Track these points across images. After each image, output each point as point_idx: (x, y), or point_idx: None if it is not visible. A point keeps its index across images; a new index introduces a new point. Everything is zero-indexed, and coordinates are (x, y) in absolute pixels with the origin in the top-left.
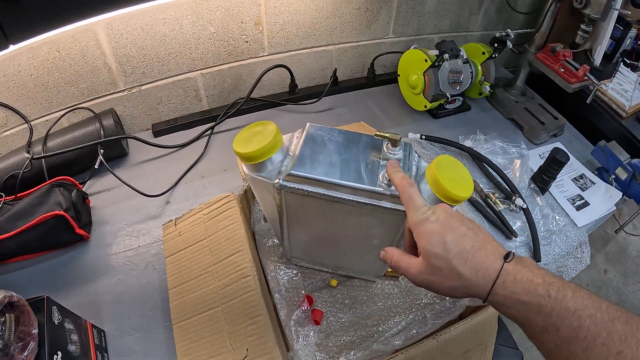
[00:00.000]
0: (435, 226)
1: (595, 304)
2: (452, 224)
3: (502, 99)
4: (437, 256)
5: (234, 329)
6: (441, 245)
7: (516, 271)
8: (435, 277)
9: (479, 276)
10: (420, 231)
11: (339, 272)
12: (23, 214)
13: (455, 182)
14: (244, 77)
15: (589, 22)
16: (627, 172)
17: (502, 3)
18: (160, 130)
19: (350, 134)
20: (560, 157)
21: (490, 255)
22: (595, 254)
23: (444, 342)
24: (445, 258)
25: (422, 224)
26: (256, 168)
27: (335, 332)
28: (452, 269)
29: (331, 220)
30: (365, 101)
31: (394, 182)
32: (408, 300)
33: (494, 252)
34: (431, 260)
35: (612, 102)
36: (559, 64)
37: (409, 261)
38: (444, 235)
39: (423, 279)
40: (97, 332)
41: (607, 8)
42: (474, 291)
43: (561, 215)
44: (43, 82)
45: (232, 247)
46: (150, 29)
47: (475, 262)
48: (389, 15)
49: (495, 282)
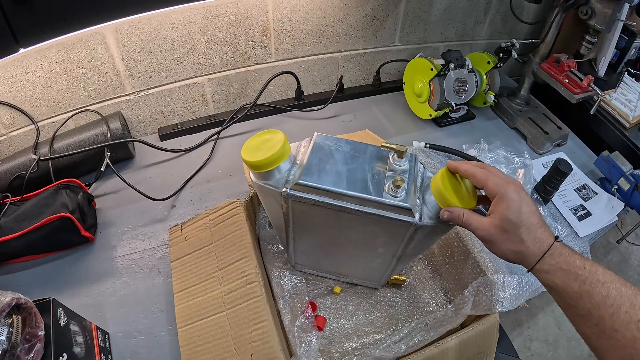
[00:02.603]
0: (515, 196)
1: (621, 280)
2: (527, 200)
3: (507, 108)
4: (510, 221)
5: (239, 334)
6: (517, 213)
7: (562, 247)
8: (501, 236)
9: (536, 247)
10: (503, 195)
11: (343, 279)
12: (29, 215)
13: (460, 194)
14: (251, 82)
15: (593, 32)
16: (630, 182)
17: (508, 12)
18: (166, 134)
19: (357, 144)
20: (563, 167)
21: (546, 233)
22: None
23: (445, 350)
24: (517, 225)
25: (506, 191)
26: (264, 176)
27: (338, 339)
28: (518, 235)
29: (337, 228)
30: (371, 108)
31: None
32: (410, 308)
33: (548, 231)
34: (504, 224)
35: (615, 112)
36: (563, 74)
37: (479, 219)
38: (521, 206)
39: (490, 234)
40: (101, 334)
41: (612, 19)
42: (526, 258)
43: (563, 225)
44: (51, 84)
45: (238, 253)
46: (158, 34)
47: (536, 235)
48: (395, 23)
49: (545, 253)
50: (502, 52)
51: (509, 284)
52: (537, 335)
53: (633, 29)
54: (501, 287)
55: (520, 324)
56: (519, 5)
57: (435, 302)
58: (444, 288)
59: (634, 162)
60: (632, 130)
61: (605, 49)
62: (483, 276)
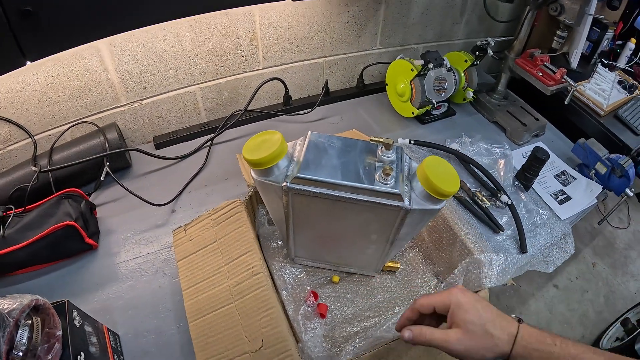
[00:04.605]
0: (465, 298)
1: (591, 349)
2: (476, 296)
3: (485, 103)
4: (474, 323)
5: (249, 322)
6: (476, 312)
7: (528, 328)
8: (473, 342)
9: (505, 334)
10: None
11: (341, 269)
12: (33, 225)
13: (444, 179)
14: (240, 90)
15: (564, 27)
16: (606, 166)
17: (483, 13)
18: (161, 142)
19: (348, 140)
20: (541, 155)
21: (508, 318)
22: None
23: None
24: (481, 323)
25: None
26: (264, 173)
27: (340, 324)
28: (486, 332)
29: (333, 218)
30: (356, 110)
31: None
32: (405, 292)
33: (508, 317)
34: (468, 327)
35: (590, 101)
36: (537, 68)
37: (445, 333)
38: (475, 305)
39: (463, 345)
40: (112, 335)
41: (581, 14)
42: (501, 348)
43: (545, 209)
44: (47, 98)
45: (242, 248)
46: (151, 46)
47: (501, 324)
48: (375, 27)
49: (516, 338)
50: (478, 50)
51: (495, 261)
52: (530, 320)
53: (604, 22)
54: (488, 265)
55: (512, 310)
56: (493, 5)
57: (428, 285)
58: (436, 272)
59: (609, 147)
60: (606, 117)
61: (576, 42)
62: (471, 256)
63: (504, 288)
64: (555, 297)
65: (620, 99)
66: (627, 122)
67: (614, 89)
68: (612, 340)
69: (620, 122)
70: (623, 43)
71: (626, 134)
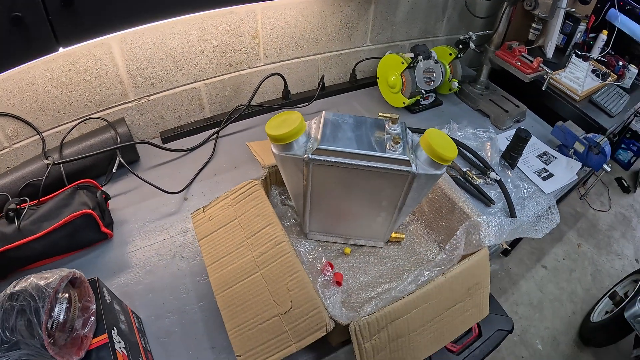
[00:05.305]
0: None
1: None
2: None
3: (469, 93)
4: None
5: (276, 288)
6: None
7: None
8: None
9: None
10: None
11: (351, 242)
12: (49, 216)
13: (444, 146)
14: (242, 85)
15: (538, 21)
16: (584, 145)
17: (463, 10)
18: (168, 136)
19: (358, 118)
20: (523, 135)
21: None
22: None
23: (450, 279)
24: None
25: None
26: (286, 148)
27: (356, 291)
28: None
29: (348, 188)
30: (351, 103)
31: None
32: (412, 260)
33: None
34: None
35: (566, 88)
36: (516, 58)
37: None
38: None
39: None
40: (135, 317)
41: (554, 8)
42: None
43: (530, 184)
44: (56, 94)
45: (263, 222)
46: (160, 43)
47: None
48: (366, 26)
49: None
50: (461, 44)
51: (491, 222)
52: (522, 300)
53: (577, 16)
54: (485, 226)
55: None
56: (473, 2)
57: (431, 252)
58: (437, 240)
59: (585, 129)
60: (582, 102)
61: (551, 34)
62: (469, 219)
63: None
64: (544, 277)
65: (594, 85)
66: (602, 106)
67: (587, 77)
68: (602, 314)
69: (595, 106)
70: (596, 35)
71: (601, 116)
